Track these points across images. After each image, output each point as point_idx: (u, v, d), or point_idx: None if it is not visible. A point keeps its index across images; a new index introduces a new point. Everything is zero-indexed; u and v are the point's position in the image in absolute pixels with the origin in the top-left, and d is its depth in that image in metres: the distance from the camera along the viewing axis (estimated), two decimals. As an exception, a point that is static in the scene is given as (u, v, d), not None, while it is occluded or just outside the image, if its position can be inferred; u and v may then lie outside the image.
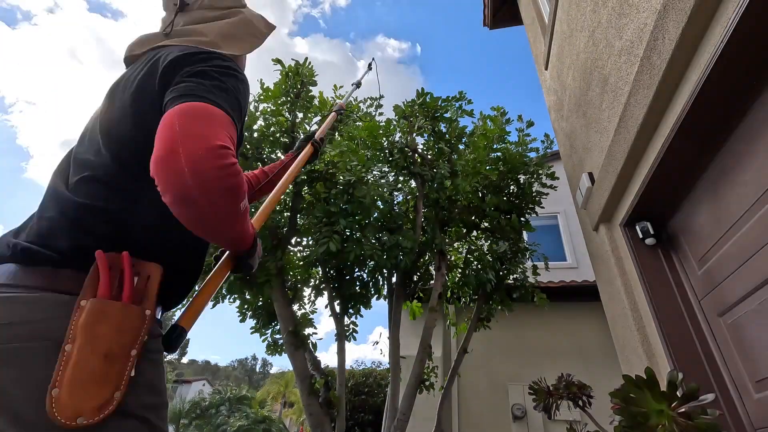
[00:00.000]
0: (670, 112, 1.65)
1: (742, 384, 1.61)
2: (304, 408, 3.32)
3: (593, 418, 1.47)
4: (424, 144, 4.60)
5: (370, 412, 7.83)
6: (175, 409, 16.81)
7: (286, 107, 4.06)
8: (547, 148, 4.47)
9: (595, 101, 2.37)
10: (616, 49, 1.99)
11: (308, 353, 3.60)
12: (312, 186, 3.82)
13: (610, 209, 2.36)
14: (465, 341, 4.23)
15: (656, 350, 1.95)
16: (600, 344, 5.23)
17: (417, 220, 4.20)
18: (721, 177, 1.65)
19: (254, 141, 3.75)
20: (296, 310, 3.97)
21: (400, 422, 3.24)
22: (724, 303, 1.70)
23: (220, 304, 3.73)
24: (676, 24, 1.42)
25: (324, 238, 3.41)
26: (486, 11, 5.92)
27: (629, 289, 2.22)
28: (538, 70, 4.07)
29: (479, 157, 4.27)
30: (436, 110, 4.39)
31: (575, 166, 3.00)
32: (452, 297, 4.71)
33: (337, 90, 4.30)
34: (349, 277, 4.07)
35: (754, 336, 1.53)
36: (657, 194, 1.96)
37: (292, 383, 20.86)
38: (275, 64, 4.01)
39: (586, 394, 1.50)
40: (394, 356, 3.70)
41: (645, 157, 1.90)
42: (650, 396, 0.89)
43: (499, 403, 5.58)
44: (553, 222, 8.65)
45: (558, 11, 3.04)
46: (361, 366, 11.16)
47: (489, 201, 4.31)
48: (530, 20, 4.40)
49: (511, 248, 4.31)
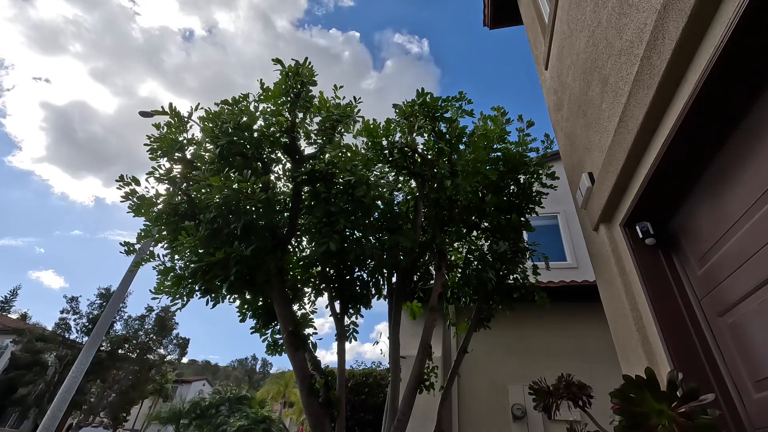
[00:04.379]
0: (670, 112, 1.65)
1: (742, 384, 1.61)
2: (304, 408, 3.32)
3: (593, 418, 1.47)
4: (424, 144, 4.60)
5: (370, 412, 7.83)
6: (175, 409, 16.81)
7: (286, 107, 4.06)
8: (547, 148, 4.46)
9: (595, 101, 2.37)
10: (616, 49, 1.99)
11: (308, 353, 3.60)
12: (312, 186, 3.82)
13: (610, 209, 2.36)
14: (465, 341, 4.22)
15: (656, 350, 1.95)
16: (600, 344, 5.23)
17: (417, 220, 4.20)
18: (721, 177, 1.65)
19: (254, 141, 3.75)
20: (296, 310, 3.97)
21: (400, 422, 3.24)
22: (724, 303, 1.69)
23: (220, 304, 3.73)
24: (676, 24, 1.42)
25: (324, 238, 3.40)
26: (486, 11, 5.92)
27: (629, 289, 2.22)
28: (538, 70, 4.07)
29: (479, 157, 4.26)
30: (436, 110, 4.39)
31: (575, 166, 3.00)
32: (452, 297, 4.70)
33: (337, 90, 4.29)
34: (349, 277, 4.07)
35: (754, 336, 1.53)
36: (657, 194, 1.96)
37: (292, 383, 20.87)
38: (275, 64, 4.01)
39: (586, 394, 1.50)
40: (394, 356, 3.70)
41: (645, 157, 1.90)
42: (650, 396, 0.90)
43: (499, 403, 5.58)
44: (553, 222, 8.65)
45: (558, 11, 3.05)
46: (361, 366, 11.17)
47: (489, 201, 4.31)
48: (530, 20, 4.40)
49: (511, 248, 4.31)
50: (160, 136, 3.77)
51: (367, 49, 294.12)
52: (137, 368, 24.64)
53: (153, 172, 3.71)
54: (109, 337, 23.21)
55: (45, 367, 21.36)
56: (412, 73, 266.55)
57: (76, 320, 23.84)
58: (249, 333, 4.05)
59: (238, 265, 3.15)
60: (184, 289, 3.28)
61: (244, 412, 14.24)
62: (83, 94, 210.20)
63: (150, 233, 3.69)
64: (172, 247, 3.51)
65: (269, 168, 4.11)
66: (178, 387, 34.95)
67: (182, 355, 31.61)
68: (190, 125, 3.94)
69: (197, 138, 3.95)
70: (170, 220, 3.54)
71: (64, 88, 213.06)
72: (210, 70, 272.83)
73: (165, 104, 3.95)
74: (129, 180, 3.61)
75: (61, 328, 23.64)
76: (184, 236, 3.16)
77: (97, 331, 6.91)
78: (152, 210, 3.59)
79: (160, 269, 3.34)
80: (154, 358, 26.74)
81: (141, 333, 25.79)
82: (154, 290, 3.24)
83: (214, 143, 3.63)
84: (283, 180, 4.32)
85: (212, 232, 3.28)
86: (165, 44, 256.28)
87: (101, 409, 23.62)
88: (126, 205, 3.58)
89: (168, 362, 30.14)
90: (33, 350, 21.57)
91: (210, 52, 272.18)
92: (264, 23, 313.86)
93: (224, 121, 3.65)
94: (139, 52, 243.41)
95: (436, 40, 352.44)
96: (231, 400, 15.75)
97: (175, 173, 3.76)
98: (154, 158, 3.73)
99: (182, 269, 3.34)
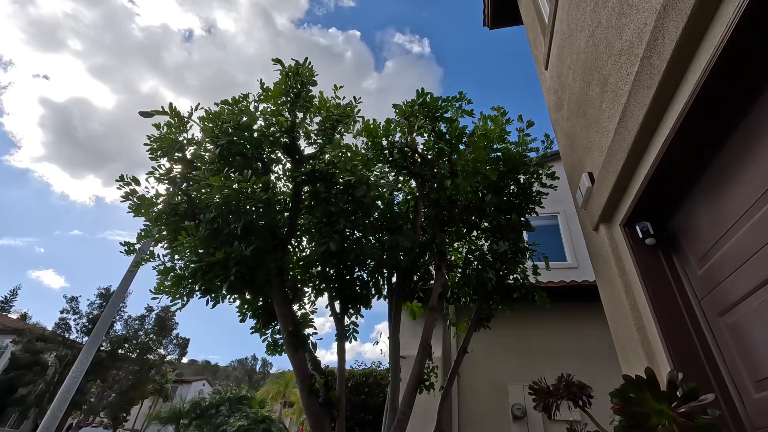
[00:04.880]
0: (670, 112, 1.65)
1: (742, 384, 1.61)
2: (304, 408, 3.32)
3: (593, 418, 1.47)
4: (424, 144, 4.60)
5: (370, 412, 7.82)
6: (175, 409, 16.81)
7: (286, 107, 4.06)
8: (547, 148, 4.46)
9: (595, 101, 2.37)
10: (616, 49, 1.99)
11: (308, 353, 3.60)
12: (312, 186, 3.82)
13: (610, 209, 2.36)
14: (465, 341, 4.22)
15: (656, 350, 1.95)
16: (600, 344, 5.23)
17: (417, 220, 4.20)
18: (721, 177, 1.65)
19: (254, 141, 3.75)
20: (296, 310, 3.97)
21: (400, 422, 3.24)
22: (724, 303, 1.69)
23: (220, 304, 3.73)
24: (676, 24, 1.42)
25: (324, 238, 3.40)
26: (486, 11, 5.92)
27: (629, 289, 2.22)
28: (538, 70, 4.07)
29: (479, 157, 4.26)
30: (436, 110, 4.39)
31: (575, 166, 3.00)
32: (452, 297, 4.70)
33: (337, 90, 4.29)
34: (349, 277, 4.07)
35: (754, 336, 1.53)
36: (657, 194, 1.96)
37: (292, 383, 20.86)
38: (275, 64, 4.01)
39: (586, 394, 1.50)
40: (394, 356, 3.70)
41: (645, 157, 1.90)
42: (650, 396, 0.90)
43: (499, 403, 5.58)
44: (553, 222, 8.65)
45: (558, 11, 3.05)
46: (361, 366, 11.16)
47: (489, 201, 4.31)
48: (530, 20, 4.40)
49: (511, 248, 4.31)
50: (160, 136, 3.77)
51: (368, 48, 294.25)
52: (137, 368, 24.64)
53: (153, 172, 3.71)
54: (109, 337, 23.21)
55: (45, 367, 21.36)
56: (414, 72, 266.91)
57: (76, 320, 23.86)
58: (249, 333, 4.05)
59: (238, 265, 3.15)
60: (184, 289, 3.28)
61: (244, 412, 14.23)
62: (83, 91, 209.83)
63: (150, 233, 3.70)
64: (172, 247, 3.51)
65: (269, 168, 4.11)
66: (178, 387, 34.96)
67: (182, 355, 31.63)
68: (190, 125, 3.95)
69: (197, 138, 3.95)
70: (170, 220, 3.54)
71: (63, 86, 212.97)
72: (210, 68, 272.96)
73: (165, 102, 3.96)
74: (129, 180, 3.61)
75: (61, 328, 23.65)
76: (184, 236, 3.16)
77: (97, 331, 6.91)
78: (152, 210, 3.59)
79: (160, 269, 3.34)
80: (154, 358, 26.75)
81: (141, 333, 25.79)
82: (154, 290, 3.24)
83: (214, 143, 3.63)
84: (283, 180, 4.32)
85: (212, 232, 3.28)
86: (165, 42, 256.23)
87: (101, 409, 23.63)
88: (126, 205, 3.59)
89: (168, 362, 30.13)
90: (33, 350, 21.58)
91: (210, 50, 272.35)
92: (265, 20, 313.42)
93: (224, 121, 3.65)
94: (139, 50, 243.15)
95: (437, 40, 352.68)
96: (231, 400, 15.75)
97: (175, 173, 3.76)
98: (154, 158, 3.73)
99: (182, 269, 3.34)
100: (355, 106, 4.33)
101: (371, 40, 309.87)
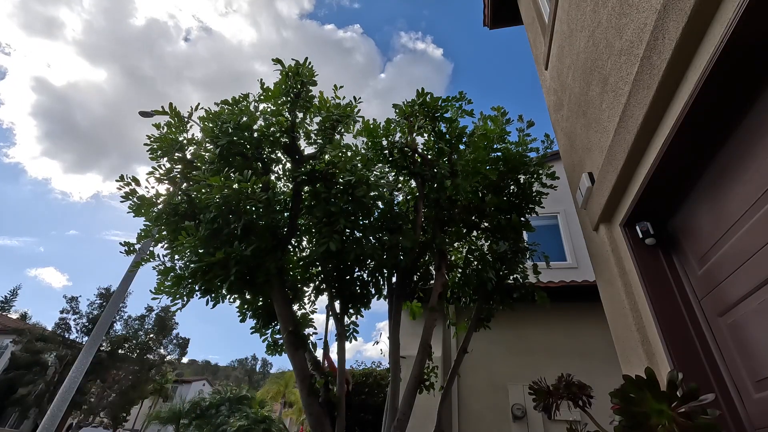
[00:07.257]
0: (670, 112, 1.65)
1: (742, 384, 1.61)
2: (304, 408, 3.32)
3: (593, 418, 1.46)
4: (424, 144, 4.60)
5: (370, 412, 7.82)
6: (175, 409, 16.81)
7: (286, 107, 4.06)
8: (547, 148, 4.46)
9: (595, 101, 2.37)
10: (616, 49, 1.99)
11: (308, 353, 3.60)
12: (312, 186, 3.82)
13: (610, 209, 2.36)
14: (465, 341, 4.22)
15: (656, 350, 1.95)
16: (600, 344, 5.22)
17: (417, 220, 4.19)
18: (721, 177, 1.65)
19: (254, 141, 3.75)
20: (296, 309, 3.97)
21: (400, 422, 3.24)
22: (724, 303, 1.69)
23: (220, 304, 3.74)
24: (676, 24, 1.42)
25: (324, 238, 3.41)
26: (486, 11, 5.92)
27: (629, 289, 2.22)
28: (538, 70, 4.07)
29: (479, 157, 4.26)
30: (436, 110, 4.39)
31: (575, 166, 3.00)
32: (452, 297, 4.70)
33: (337, 90, 4.29)
34: (349, 277, 4.07)
35: (754, 336, 1.53)
36: (657, 194, 1.96)
37: (292, 383, 20.84)
38: (275, 64, 4.01)
39: (586, 394, 1.50)
40: (394, 356, 3.70)
41: (645, 157, 1.90)
42: (650, 396, 0.90)
43: (499, 403, 5.58)
44: (553, 222, 8.65)
45: (558, 11, 3.04)
46: (361, 366, 11.16)
47: (489, 201, 4.30)
48: (530, 20, 4.40)
49: (512, 248, 4.31)
50: (160, 136, 3.77)
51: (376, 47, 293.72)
52: (137, 368, 24.62)
53: (153, 172, 3.71)
54: (109, 337, 23.20)
55: (45, 367, 21.35)
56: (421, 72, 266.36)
57: (76, 320, 23.83)
58: (249, 333, 4.05)
59: (238, 265, 3.15)
60: (184, 289, 3.28)
61: (244, 412, 14.22)
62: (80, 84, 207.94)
63: (150, 233, 3.70)
64: (172, 247, 3.51)
65: (269, 168, 4.11)
66: (178, 387, 34.93)
67: (182, 355, 31.63)
68: (190, 125, 3.95)
69: (197, 138, 3.96)
70: (170, 220, 3.54)
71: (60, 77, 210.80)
72: (213, 60, 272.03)
73: (165, 101, 3.95)
74: (129, 180, 3.62)
75: (61, 328, 23.62)
76: (184, 236, 3.16)
77: (97, 331, 6.91)
78: (152, 210, 3.59)
79: (160, 269, 3.34)
80: (154, 358, 26.73)
81: (141, 333, 25.76)
82: (154, 290, 3.24)
83: (214, 143, 3.63)
84: (283, 180, 4.32)
85: (212, 232, 3.28)
86: (167, 32, 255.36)
87: (101, 409, 23.60)
88: (126, 205, 3.59)
89: (168, 362, 30.11)
90: (33, 350, 21.56)
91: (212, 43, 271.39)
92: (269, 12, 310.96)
93: (224, 121, 3.65)
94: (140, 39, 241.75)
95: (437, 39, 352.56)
96: (231, 400, 15.74)
97: (175, 173, 3.76)
98: (155, 158, 3.73)
99: (182, 269, 3.34)
100: (355, 106, 4.33)
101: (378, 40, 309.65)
